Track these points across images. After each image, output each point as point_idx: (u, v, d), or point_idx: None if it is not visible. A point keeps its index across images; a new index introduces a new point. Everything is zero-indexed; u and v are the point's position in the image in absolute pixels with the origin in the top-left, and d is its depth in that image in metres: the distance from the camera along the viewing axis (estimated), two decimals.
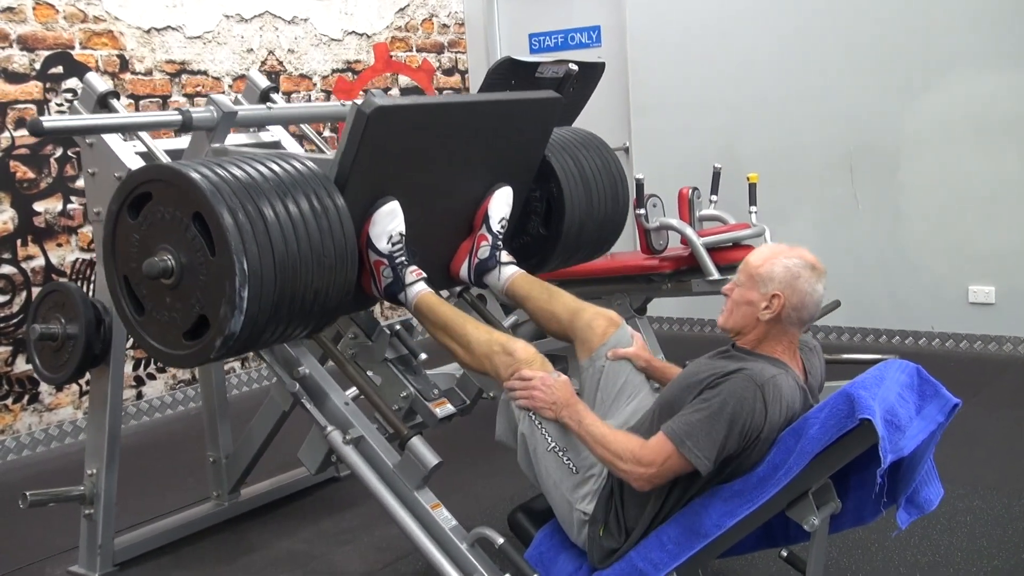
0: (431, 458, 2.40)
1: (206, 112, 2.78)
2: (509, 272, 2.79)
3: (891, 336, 5.31)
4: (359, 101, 2.40)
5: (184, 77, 5.00)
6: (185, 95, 5.01)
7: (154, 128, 2.84)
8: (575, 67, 3.97)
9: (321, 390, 2.55)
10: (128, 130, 2.89)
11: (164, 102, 4.93)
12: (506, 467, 3.15)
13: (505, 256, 2.81)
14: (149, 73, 4.85)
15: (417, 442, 2.42)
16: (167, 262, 2.24)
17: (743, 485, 2.15)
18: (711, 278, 4.00)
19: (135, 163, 2.84)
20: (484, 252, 2.78)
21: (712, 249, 4.05)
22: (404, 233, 2.54)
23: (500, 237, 2.80)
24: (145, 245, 2.28)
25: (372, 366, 2.76)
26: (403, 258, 2.55)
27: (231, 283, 2.13)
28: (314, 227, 2.27)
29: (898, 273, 5.23)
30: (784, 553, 2.44)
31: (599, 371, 2.53)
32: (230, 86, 5.20)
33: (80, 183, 4.55)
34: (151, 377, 4.89)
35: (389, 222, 2.52)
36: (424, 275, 2.61)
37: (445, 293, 3.01)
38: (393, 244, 2.53)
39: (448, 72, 6.54)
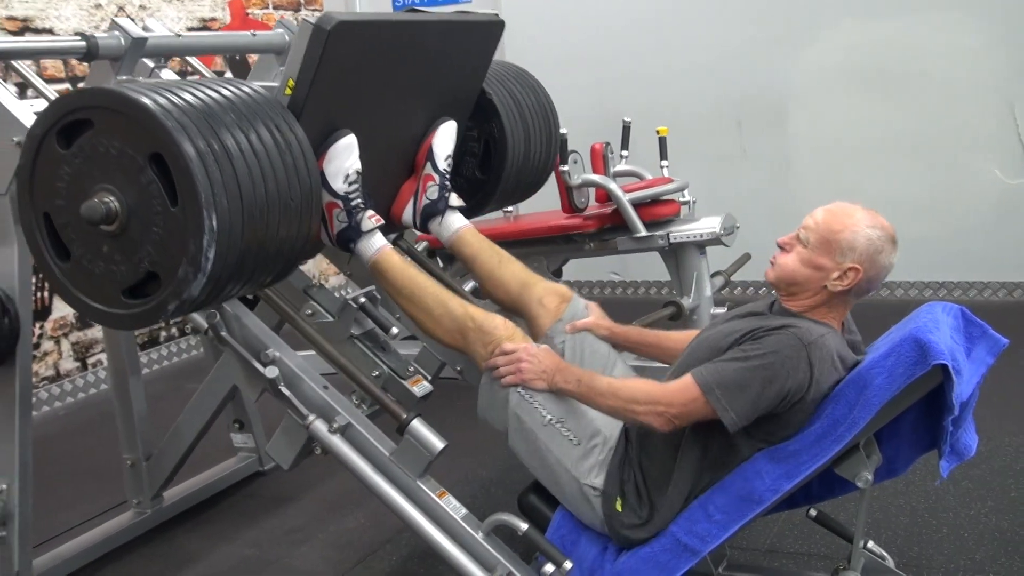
0: (436, 442, 2.15)
1: (112, 38, 2.42)
2: (458, 223, 2.57)
3: None
4: (310, 19, 2.11)
5: (28, 36, 4.42)
6: None
7: (52, 55, 2.49)
8: None
9: (294, 373, 2.24)
10: (19, 57, 2.49)
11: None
12: (483, 445, 2.92)
13: (455, 199, 2.58)
14: None
15: (419, 425, 2.16)
16: (111, 205, 1.87)
17: (799, 444, 2.01)
18: (639, 235, 3.86)
19: None
20: (433, 193, 2.54)
21: (636, 205, 3.91)
22: (360, 171, 2.27)
23: (447, 176, 2.56)
24: (78, 181, 1.91)
25: (335, 345, 2.47)
26: (359, 200, 2.28)
27: (196, 242, 1.82)
28: (280, 165, 1.97)
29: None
30: (813, 513, 2.33)
31: (559, 349, 2.35)
32: None
33: None
34: None
35: (346, 158, 2.25)
36: (382, 221, 2.35)
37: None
38: (350, 184, 2.26)
39: None
